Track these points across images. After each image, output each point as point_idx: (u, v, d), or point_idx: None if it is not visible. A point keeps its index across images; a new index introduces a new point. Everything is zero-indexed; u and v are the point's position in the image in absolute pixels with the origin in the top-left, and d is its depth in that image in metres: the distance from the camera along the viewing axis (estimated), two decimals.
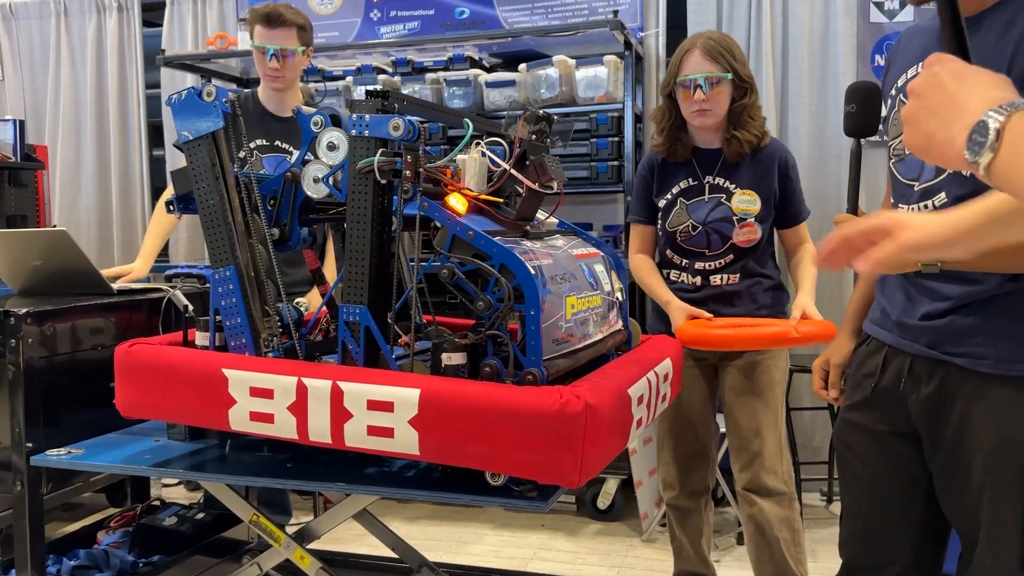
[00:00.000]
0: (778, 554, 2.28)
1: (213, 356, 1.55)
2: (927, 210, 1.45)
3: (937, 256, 1.37)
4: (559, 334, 1.49)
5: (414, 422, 1.35)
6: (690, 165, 2.34)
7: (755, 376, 2.31)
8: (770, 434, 2.29)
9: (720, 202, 2.30)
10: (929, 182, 1.44)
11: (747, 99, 2.26)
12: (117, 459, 1.69)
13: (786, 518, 2.28)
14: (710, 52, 2.21)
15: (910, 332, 1.50)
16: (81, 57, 4.73)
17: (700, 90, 2.20)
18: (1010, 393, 1.37)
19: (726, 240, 2.30)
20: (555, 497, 1.40)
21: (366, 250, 1.49)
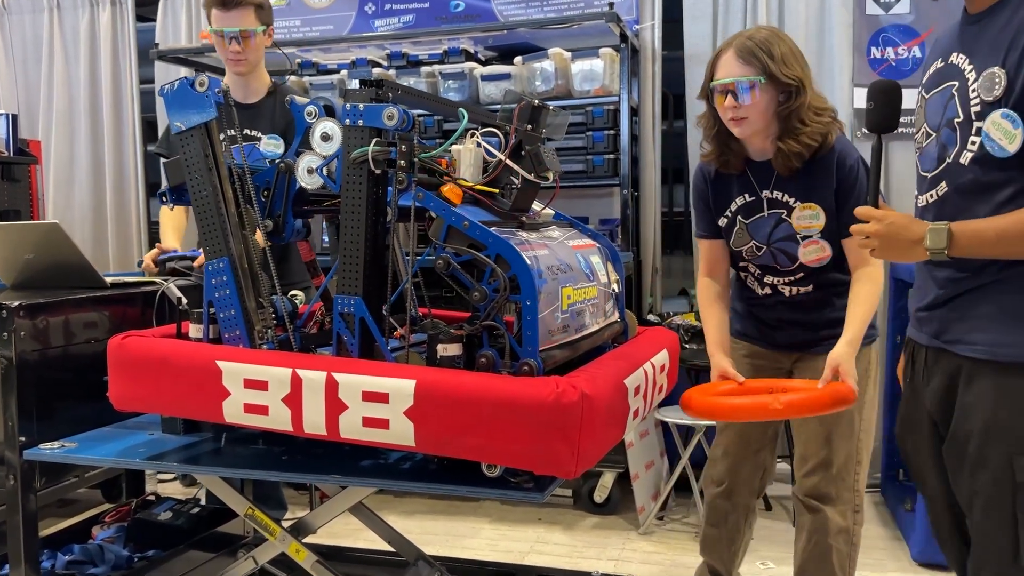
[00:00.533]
0: (827, 564, 2.13)
1: (206, 348, 1.54)
2: (932, 199, 1.53)
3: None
4: (555, 325, 1.48)
5: (409, 413, 1.34)
6: (745, 176, 2.09)
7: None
8: (843, 442, 2.11)
9: (781, 218, 2.06)
10: (933, 172, 1.53)
11: (793, 102, 1.95)
12: (111, 452, 1.68)
13: (845, 529, 2.13)
14: (743, 53, 1.95)
15: (919, 323, 1.60)
16: (74, 52, 4.70)
17: (732, 96, 1.95)
18: (997, 378, 1.43)
19: (794, 259, 2.08)
20: (551, 488, 1.40)
21: (360, 241, 1.48)
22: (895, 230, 1.46)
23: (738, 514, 2.29)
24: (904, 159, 3.62)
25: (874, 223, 1.48)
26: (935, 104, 1.53)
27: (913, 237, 1.44)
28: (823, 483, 2.12)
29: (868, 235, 1.49)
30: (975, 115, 1.43)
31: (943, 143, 1.50)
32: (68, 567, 2.19)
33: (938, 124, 1.51)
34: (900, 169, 3.63)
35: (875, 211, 1.49)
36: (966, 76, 1.46)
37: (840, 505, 2.11)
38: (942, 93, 1.51)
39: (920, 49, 3.61)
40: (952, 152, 1.47)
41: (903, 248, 1.47)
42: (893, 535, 3.18)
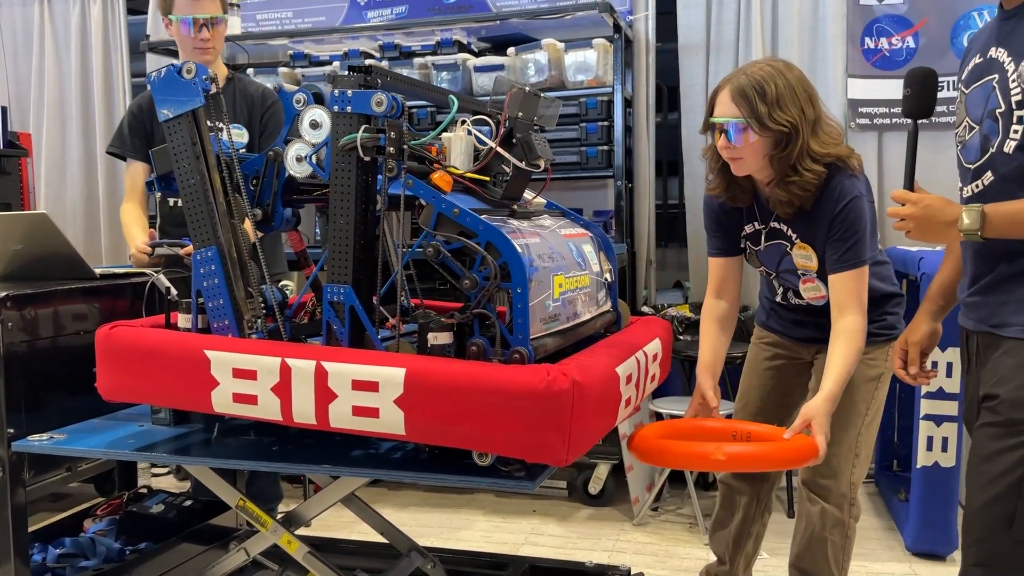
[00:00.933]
0: (821, 556, 2.13)
1: (195, 338, 1.52)
2: (978, 190, 1.56)
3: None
4: (546, 313, 1.47)
5: (400, 402, 1.33)
6: (752, 207, 2.04)
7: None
8: (844, 433, 2.08)
9: (785, 251, 2.03)
10: (976, 163, 1.56)
11: (788, 150, 1.84)
12: (100, 444, 1.67)
13: (840, 522, 2.11)
14: (736, 93, 1.85)
15: (968, 309, 1.64)
16: (65, 44, 4.67)
17: (724, 135, 1.87)
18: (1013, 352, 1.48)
19: (798, 293, 2.09)
20: (543, 476, 1.39)
21: (350, 229, 1.47)
22: (931, 212, 1.51)
23: (748, 500, 2.27)
24: (901, 150, 3.62)
25: (910, 205, 1.52)
26: (976, 98, 1.57)
27: (948, 218, 1.49)
28: (822, 474, 2.11)
29: (903, 217, 1.53)
30: (1016, 104, 1.47)
31: (985, 134, 1.53)
32: (59, 560, 2.18)
33: (980, 116, 1.55)
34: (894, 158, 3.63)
35: (911, 194, 1.54)
36: (1005, 68, 1.50)
37: (836, 498, 2.10)
38: (983, 87, 1.55)
39: (914, 39, 3.60)
40: (995, 142, 1.51)
41: (938, 229, 1.51)
42: (887, 525, 3.18)
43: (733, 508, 2.29)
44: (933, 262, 2.77)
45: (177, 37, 2.58)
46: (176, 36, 2.58)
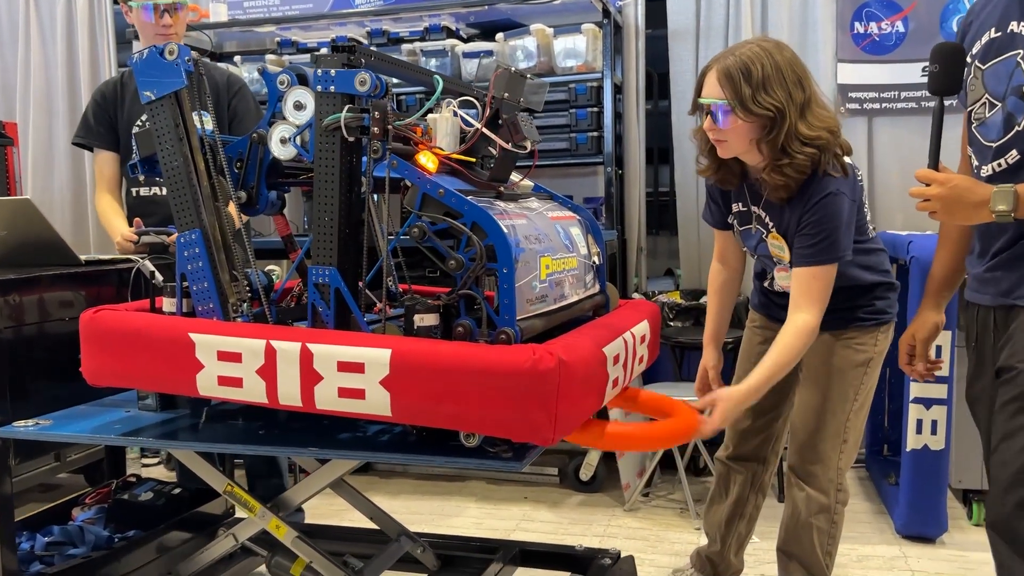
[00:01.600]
0: (807, 540, 2.13)
1: (179, 321, 1.51)
2: (1000, 168, 1.53)
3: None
4: (533, 294, 1.46)
5: (385, 383, 1.32)
6: (741, 190, 2.06)
7: (833, 356, 2.09)
8: (831, 418, 2.09)
9: (763, 238, 2.04)
10: (1000, 140, 1.53)
11: (775, 133, 1.82)
12: (85, 429, 1.66)
13: (826, 507, 2.11)
14: (722, 75, 1.83)
15: (982, 284, 1.60)
16: (51, 33, 4.62)
17: (711, 117, 1.87)
18: None
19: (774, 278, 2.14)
20: (531, 457, 1.38)
21: (334, 210, 1.46)
22: (959, 192, 1.46)
23: (744, 480, 2.29)
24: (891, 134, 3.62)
25: (935, 186, 1.47)
26: (997, 74, 1.52)
27: (977, 199, 1.44)
28: (808, 459, 2.12)
29: (929, 198, 1.48)
30: None
31: (1010, 111, 1.49)
32: (48, 548, 2.17)
33: (1003, 93, 1.51)
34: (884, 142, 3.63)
35: (936, 174, 1.49)
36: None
37: (823, 484, 2.10)
38: (1005, 63, 1.50)
39: (903, 24, 3.59)
40: (1021, 120, 1.47)
41: (967, 211, 1.47)
42: (877, 508, 3.19)
43: (728, 488, 2.31)
44: (922, 246, 2.77)
45: (138, 23, 2.56)
46: (137, 23, 2.56)
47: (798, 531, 2.14)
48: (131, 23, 2.63)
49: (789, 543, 2.18)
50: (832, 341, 2.08)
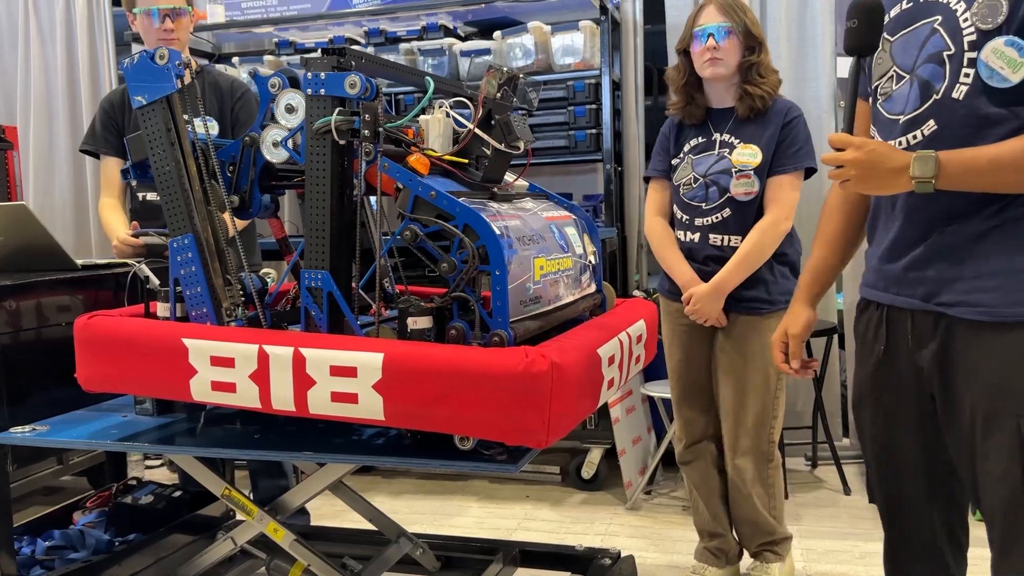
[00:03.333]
0: (751, 507, 2.38)
1: (173, 326, 1.51)
2: (915, 141, 1.41)
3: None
4: (527, 296, 1.46)
5: (378, 387, 1.32)
6: (704, 125, 2.39)
7: (748, 340, 2.34)
8: (756, 396, 2.34)
9: (724, 156, 2.33)
10: (914, 112, 1.42)
11: (757, 56, 2.30)
12: (83, 435, 1.66)
13: (759, 476, 2.37)
14: (723, 7, 2.30)
15: (904, 286, 1.46)
16: (50, 36, 4.63)
17: (712, 38, 2.27)
18: (1003, 337, 1.34)
19: (723, 192, 2.31)
20: (526, 459, 1.38)
21: (326, 213, 1.45)
22: (876, 157, 1.34)
23: (705, 460, 2.50)
24: None
25: (851, 150, 1.35)
26: (907, 44, 1.44)
27: (896, 165, 1.33)
28: (741, 439, 2.36)
29: (844, 163, 1.36)
30: (969, 45, 1.34)
31: (925, 80, 1.40)
32: (48, 552, 2.17)
33: (913, 63, 1.42)
34: None
35: (853, 137, 1.37)
36: (952, 8, 1.37)
37: (755, 455, 2.36)
38: (917, 32, 1.42)
39: None
40: (941, 87, 1.38)
41: (884, 178, 1.35)
42: None
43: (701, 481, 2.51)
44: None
45: (142, 30, 2.56)
46: (141, 29, 2.57)
47: (740, 502, 2.40)
48: (135, 30, 2.62)
49: (737, 511, 2.44)
50: (746, 330, 2.34)
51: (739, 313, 2.34)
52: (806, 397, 3.66)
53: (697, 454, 2.50)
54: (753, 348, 2.34)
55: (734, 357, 2.36)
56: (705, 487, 2.49)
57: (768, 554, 2.43)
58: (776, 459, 2.41)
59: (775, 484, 2.41)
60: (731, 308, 2.34)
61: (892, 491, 1.57)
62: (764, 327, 2.30)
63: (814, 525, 2.99)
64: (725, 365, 2.39)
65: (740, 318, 2.34)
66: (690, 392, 2.48)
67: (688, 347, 2.45)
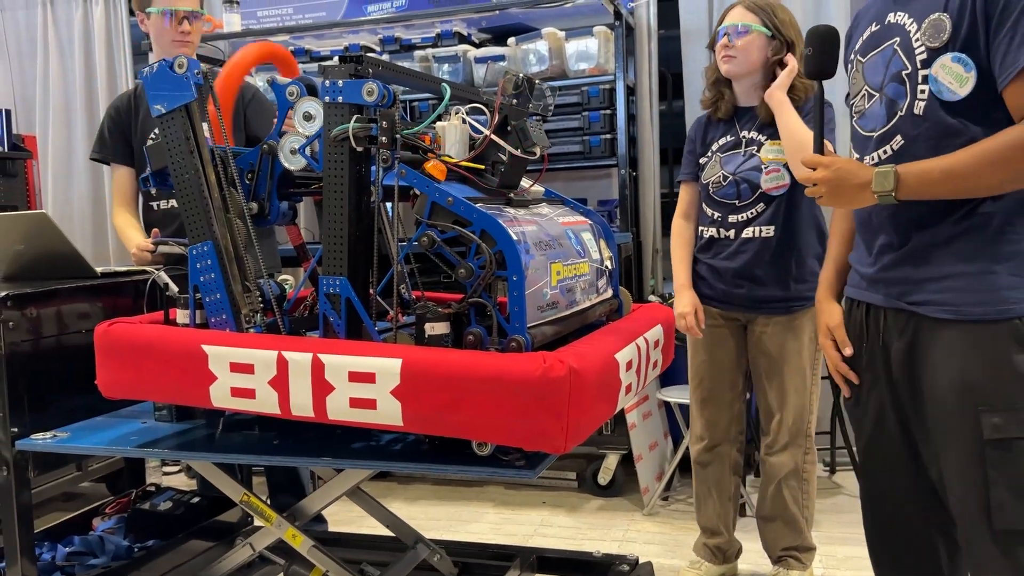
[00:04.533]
0: (781, 501, 2.40)
1: (192, 333, 1.52)
2: (885, 155, 1.51)
3: None
4: (544, 301, 1.46)
5: (396, 392, 1.32)
6: (731, 122, 2.43)
7: (785, 341, 2.38)
8: (795, 396, 2.38)
9: (752, 154, 2.37)
10: (883, 128, 1.51)
11: (782, 55, 2.32)
12: (102, 441, 1.67)
13: (795, 470, 2.39)
14: (750, 6, 2.35)
15: (874, 285, 1.56)
16: (69, 46, 4.69)
17: (727, 36, 2.32)
18: (964, 334, 1.41)
19: (755, 189, 2.34)
20: (544, 465, 1.38)
21: (344, 220, 1.46)
22: (842, 175, 1.46)
23: (723, 463, 2.53)
24: None
25: (821, 169, 1.48)
26: (875, 65, 1.53)
27: (860, 181, 1.44)
28: (781, 434, 2.39)
29: (815, 181, 1.49)
30: (921, 63, 1.43)
31: (891, 98, 1.49)
32: (68, 559, 2.18)
33: (881, 82, 1.51)
34: None
35: (821, 157, 1.50)
36: (907, 29, 1.46)
37: (792, 449, 2.38)
38: (882, 53, 1.51)
39: None
40: (904, 104, 1.47)
41: (851, 193, 1.46)
42: None
43: (712, 480, 2.54)
44: None
45: (155, 31, 2.56)
46: (154, 30, 2.56)
47: (774, 495, 2.40)
48: (146, 32, 2.63)
49: (767, 507, 2.44)
50: (780, 330, 2.37)
51: (772, 314, 2.37)
52: (824, 402, 3.62)
53: (716, 456, 2.52)
54: (790, 348, 2.38)
55: (773, 359, 2.40)
56: (719, 488, 2.52)
57: (792, 560, 2.43)
58: (812, 452, 2.44)
59: (810, 478, 2.43)
60: (762, 311, 2.38)
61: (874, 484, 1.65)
62: (798, 327, 2.37)
63: (833, 531, 2.97)
64: (766, 368, 2.42)
65: (773, 318, 2.38)
66: (713, 394, 2.50)
67: (712, 349, 2.47)
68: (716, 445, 2.51)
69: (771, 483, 2.41)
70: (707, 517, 2.57)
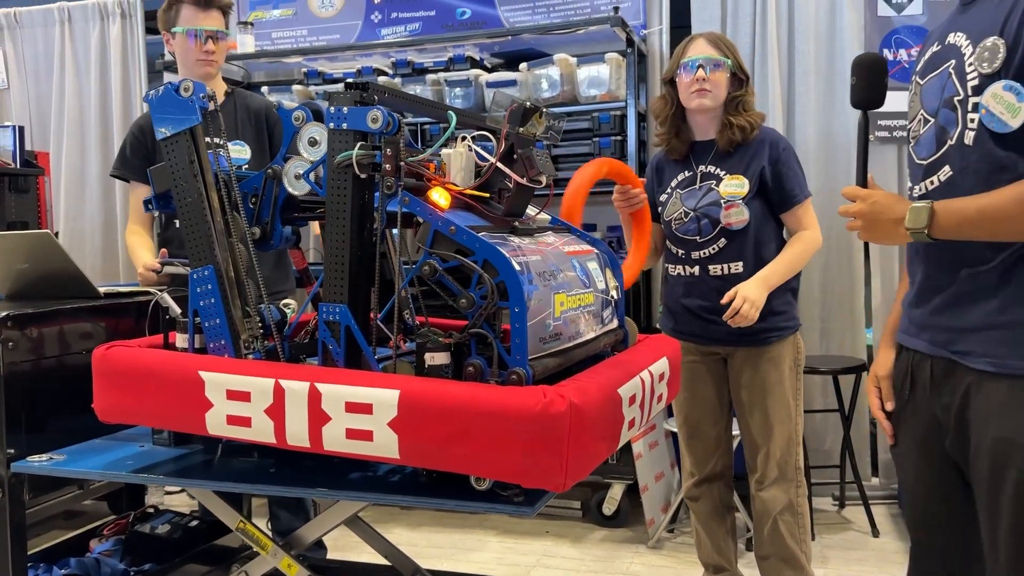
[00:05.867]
0: (779, 537, 2.36)
1: (190, 358, 1.50)
2: (933, 186, 1.41)
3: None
4: (547, 332, 1.43)
5: (393, 424, 1.30)
6: (687, 160, 2.42)
7: (766, 373, 2.35)
8: (781, 428, 2.35)
9: (711, 188, 2.36)
10: (932, 157, 1.42)
11: (743, 92, 2.36)
12: (98, 465, 1.65)
13: (790, 504, 2.36)
14: (713, 42, 2.35)
15: (920, 329, 1.47)
16: (85, 64, 4.72)
17: (702, 69, 2.29)
18: (1006, 391, 1.33)
19: (716, 224, 2.33)
20: (542, 502, 1.35)
21: (346, 247, 1.44)
22: (879, 209, 1.39)
23: (713, 497, 2.50)
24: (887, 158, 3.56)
25: (859, 203, 1.41)
26: (932, 88, 1.44)
27: (895, 216, 1.36)
28: (769, 468, 2.37)
29: (853, 215, 1.42)
30: (972, 90, 1.34)
31: (942, 125, 1.40)
32: None
33: (936, 107, 1.42)
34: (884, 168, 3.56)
35: (860, 190, 1.42)
36: (962, 52, 1.37)
37: (783, 483, 2.35)
38: (939, 76, 1.42)
39: None
40: (954, 133, 1.37)
41: (886, 229, 1.39)
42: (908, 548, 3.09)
43: (709, 516, 2.51)
44: None
45: (180, 50, 2.57)
46: (179, 49, 2.58)
47: (771, 532, 2.36)
48: (171, 51, 2.64)
49: (764, 547, 2.39)
50: (759, 362, 2.35)
51: (751, 346, 2.35)
52: (834, 435, 3.58)
53: (706, 491, 2.50)
54: (772, 380, 2.35)
55: (755, 392, 2.36)
56: (713, 523, 2.49)
57: None
58: (803, 486, 2.41)
59: (803, 512, 2.39)
60: (742, 342, 2.35)
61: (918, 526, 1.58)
62: (777, 357, 2.35)
63: (841, 568, 2.91)
64: (748, 402, 2.38)
65: (752, 350, 2.36)
66: (697, 430, 2.48)
67: (693, 384, 2.45)
68: (705, 480, 2.49)
69: (766, 520, 2.37)
70: (706, 553, 2.54)
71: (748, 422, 2.39)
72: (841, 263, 3.61)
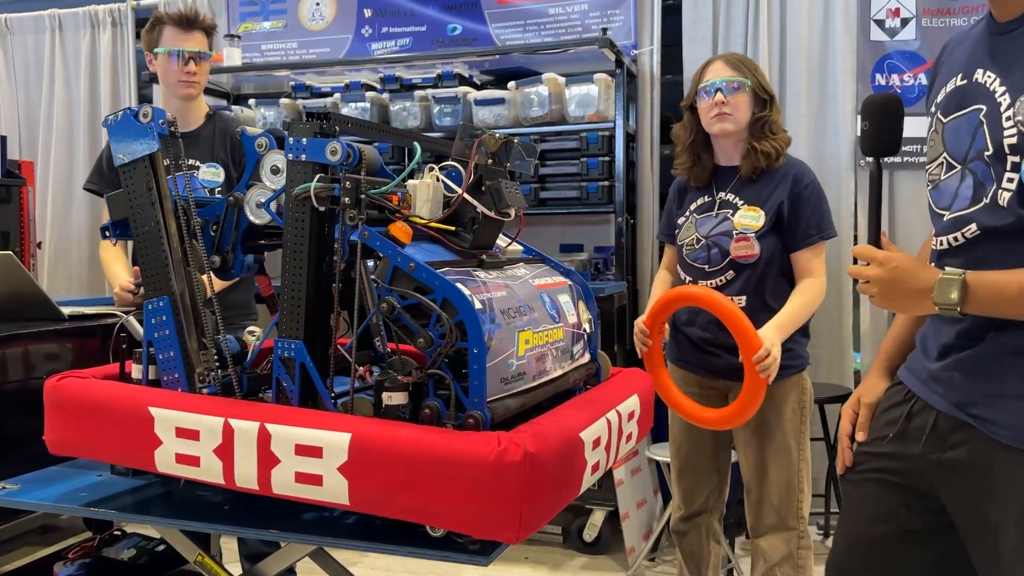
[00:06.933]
0: None
1: (140, 392, 1.46)
2: (956, 243, 1.30)
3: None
4: (509, 372, 1.39)
5: (344, 469, 1.25)
6: (709, 185, 2.34)
7: (765, 414, 2.22)
8: (779, 473, 2.25)
9: (726, 217, 2.27)
10: (960, 212, 1.30)
11: (768, 112, 2.25)
12: (51, 496, 1.60)
13: (789, 556, 2.24)
14: (733, 61, 2.27)
15: (937, 384, 1.35)
16: (75, 72, 4.70)
17: (720, 92, 2.20)
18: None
19: (725, 255, 2.25)
20: (497, 553, 1.30)
21: (302, 282, 1.40)
22: (899, 275, 1.24)
23: (700, 533, 2.43)
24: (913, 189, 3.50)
25: (874, 266, 1.26)
26: (959, 130, 1.31)
27: (921, 286, 1.23)
28: (765, 513, 2.26)
29: (867, 279, 1.27)
30: (1010, 148, 1.20)
31: (980, 180, 1.26)
32: None
33: (965, 155, 1.29)
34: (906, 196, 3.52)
35: (876, 252, 1.27)
36: (997, 100, 1.23)
37: (783, 533, 2.24)
38: (968, 117, 1.29)
39: (926, 76, 3.50)
40: (990, 191, 1.24)
41: (908, 299, 1.25)
42: None
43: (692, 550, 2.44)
44: None
45: (162, 71, 2.55)
46: (161, 70, 2.55)
47: None
48: (153, 70, 2.61)
49: None
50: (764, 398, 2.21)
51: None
52: (820, 464, 3.54)
53: (693, 526, 2.42)
54: (771, 422, 2.24)
55: (752, 430, 2.27)
56: (696, 560, 2.42)
57: None
58: (807, 538, 2.28)
59: (805, 566, 2.26)
60: (742, 378, 2.20)
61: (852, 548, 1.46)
62: (779, 397, 2.23)
63: None
64: (743, 440, 2.30)
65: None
66: (690, 463, 2.40)
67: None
68: (694, 515, 2.43)
69: (760, 570, 2.28)
70: None
71: (742, 462, 2.33)
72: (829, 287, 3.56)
